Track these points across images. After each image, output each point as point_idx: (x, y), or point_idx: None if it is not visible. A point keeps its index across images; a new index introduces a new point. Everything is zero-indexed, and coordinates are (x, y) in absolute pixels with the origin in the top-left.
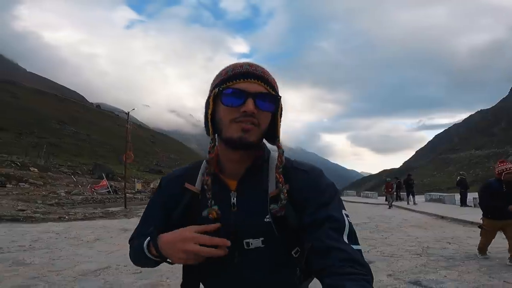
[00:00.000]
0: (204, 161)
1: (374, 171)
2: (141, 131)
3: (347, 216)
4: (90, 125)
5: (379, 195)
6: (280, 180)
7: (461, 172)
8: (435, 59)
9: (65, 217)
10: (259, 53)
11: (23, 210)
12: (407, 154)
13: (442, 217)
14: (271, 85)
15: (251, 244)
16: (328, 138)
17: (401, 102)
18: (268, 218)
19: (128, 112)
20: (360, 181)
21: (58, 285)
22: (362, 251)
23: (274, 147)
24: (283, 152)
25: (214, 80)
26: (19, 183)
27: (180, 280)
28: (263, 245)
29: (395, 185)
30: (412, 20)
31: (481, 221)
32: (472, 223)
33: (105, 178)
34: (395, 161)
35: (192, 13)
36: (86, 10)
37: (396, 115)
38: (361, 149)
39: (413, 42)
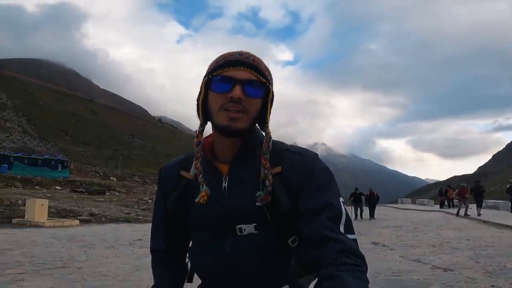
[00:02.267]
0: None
1: (442, 177)
2: (194, 142)
3: (343, 203)
4: (154, 138)
5: (435, 203)
6: (266, 165)
7: (510, 180)
8: (506, 54)
9: None
10: (304, 59)
11: (129, 214)
12: (483, 159)
13: (484, 222)
14: (262, 73)
15: (244, 230)
16: (384, 144)
17: (470, 102)
18: (259, 202)
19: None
20: (424, 189)
21: None
22: (392, 245)
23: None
24: (270, 138)
25: (207, 68)
26: (110, 191)
27: None
28: (256, 231)
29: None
30: (472, 15)
31: None
32: (506, 226)
33: None
34: (468, 166)
35: (235, 25)
36: (141, 27)
37: (465, 116)
38: (425, 155)
39: (475, 38)
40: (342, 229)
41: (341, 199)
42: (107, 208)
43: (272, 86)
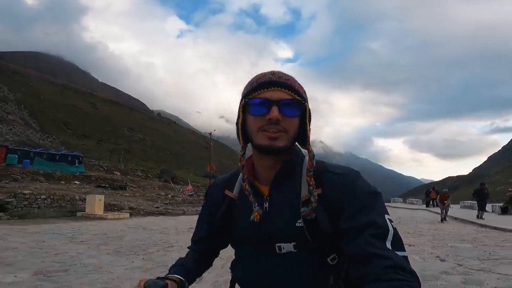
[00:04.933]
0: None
1: (437, 178)
2: (195, 137)
3: (390, 221)
4: (154, 132)
5: (423, 203)
6: (311, 182)
7: (481, 183)
8: (506, 57)
9: (185, 212)
10: (304, 57)
11: (158, 208)
12: (478, 160)
13: (455, 218)
14: (296, 91)
15: (283, 248)
16: (382, 143)
17: (469, 103)
18: (300, 222)
19: (211, 133)
20: (418, 189)
21: None
22: None
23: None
24: (313, 155)
25: (242, 91)
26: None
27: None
28: (295, 250)
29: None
30: (475, 16)
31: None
32: (470, 222)
33: (190, 183)
34: (463, 167)
35: (236, 20)
36: (142, 21)
37: (463, 118)
38: (421, 155)
39: (478, 39)
40: (389, 246)
41: (387, 217)
42: (136, 202)
43: (307, 103)
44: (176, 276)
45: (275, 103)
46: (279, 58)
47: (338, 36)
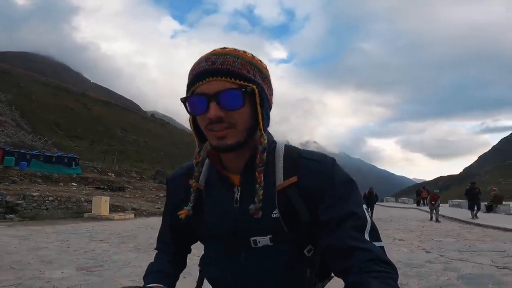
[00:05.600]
0: (207, 158)
1: (429, 177)
2: (189, 138)
3: (367, 211)
4: (147, 133)
5: (414, 202)
6: (259, 180)
7: (470, 182)
8: (497, 57)
9: None
10: (298, 57)
11: (159, 208)
12: (469, 160)
13: (443, 216)
14: (238, 75)
15: (259, 242)
16: (375, 143)
17: (460, 103)
18: (275, 213)
19: None
20: (410, 188)
21: None
22: None
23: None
24: (264, 148)
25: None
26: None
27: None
28: (271, 243)
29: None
30: (467, 17)
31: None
32: (456, 219)
33: None
34: (454, 167)
35: (230, 21)
36: (135, 21)
37: (455, 118)
38: (413, 155)
39: (470, 40)
40: (367, 237)
41: (364, 206)
42: (138, 203)
43: (260, 84)
44: (158, 285)
45: (212, 97)
46: (273, 58)
47: (331, 36)
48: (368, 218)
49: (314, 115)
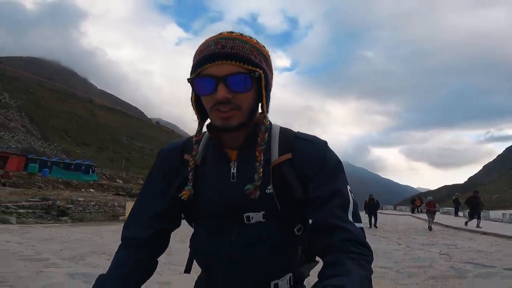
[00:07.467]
0: (207, 132)
1: (433, 186)
2: None
3: (350, 191)
4: (152, 140)
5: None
6: (259, 158)
7: (456, 193)
8: (501, 65)
9: None
10: (301, 65)
11: None
12: (473, 169)
13: (435, 223)
14: (246, 59)
15: (252, 218)
16: (378, 152)
17: (463, 112)
18: (270, 189)
19: None
20: (414, 197)
21: None
22: (366, 229)
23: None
24: (266, 128)
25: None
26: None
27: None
28: (264, 220)
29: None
30: (469, 24)
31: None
32: (441, 224)
33: None
34: (459, 176)
35: (234, 29)
36: (141, 28)
37: (458, 127)
38: (417, 164)
39: (472, 47)
40: (350, 217)
41: (349, 187)
42: None
43: (265, 69)
44: None
45: (221, 80)
46: (276, 67)
47: (334, 44)
48: (351, 199)
49: (317, 123)
